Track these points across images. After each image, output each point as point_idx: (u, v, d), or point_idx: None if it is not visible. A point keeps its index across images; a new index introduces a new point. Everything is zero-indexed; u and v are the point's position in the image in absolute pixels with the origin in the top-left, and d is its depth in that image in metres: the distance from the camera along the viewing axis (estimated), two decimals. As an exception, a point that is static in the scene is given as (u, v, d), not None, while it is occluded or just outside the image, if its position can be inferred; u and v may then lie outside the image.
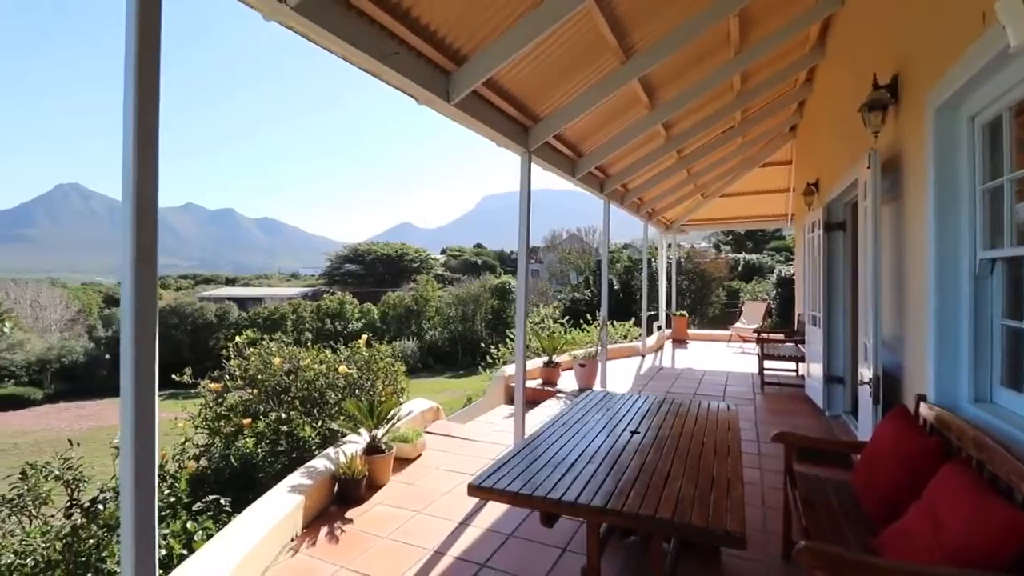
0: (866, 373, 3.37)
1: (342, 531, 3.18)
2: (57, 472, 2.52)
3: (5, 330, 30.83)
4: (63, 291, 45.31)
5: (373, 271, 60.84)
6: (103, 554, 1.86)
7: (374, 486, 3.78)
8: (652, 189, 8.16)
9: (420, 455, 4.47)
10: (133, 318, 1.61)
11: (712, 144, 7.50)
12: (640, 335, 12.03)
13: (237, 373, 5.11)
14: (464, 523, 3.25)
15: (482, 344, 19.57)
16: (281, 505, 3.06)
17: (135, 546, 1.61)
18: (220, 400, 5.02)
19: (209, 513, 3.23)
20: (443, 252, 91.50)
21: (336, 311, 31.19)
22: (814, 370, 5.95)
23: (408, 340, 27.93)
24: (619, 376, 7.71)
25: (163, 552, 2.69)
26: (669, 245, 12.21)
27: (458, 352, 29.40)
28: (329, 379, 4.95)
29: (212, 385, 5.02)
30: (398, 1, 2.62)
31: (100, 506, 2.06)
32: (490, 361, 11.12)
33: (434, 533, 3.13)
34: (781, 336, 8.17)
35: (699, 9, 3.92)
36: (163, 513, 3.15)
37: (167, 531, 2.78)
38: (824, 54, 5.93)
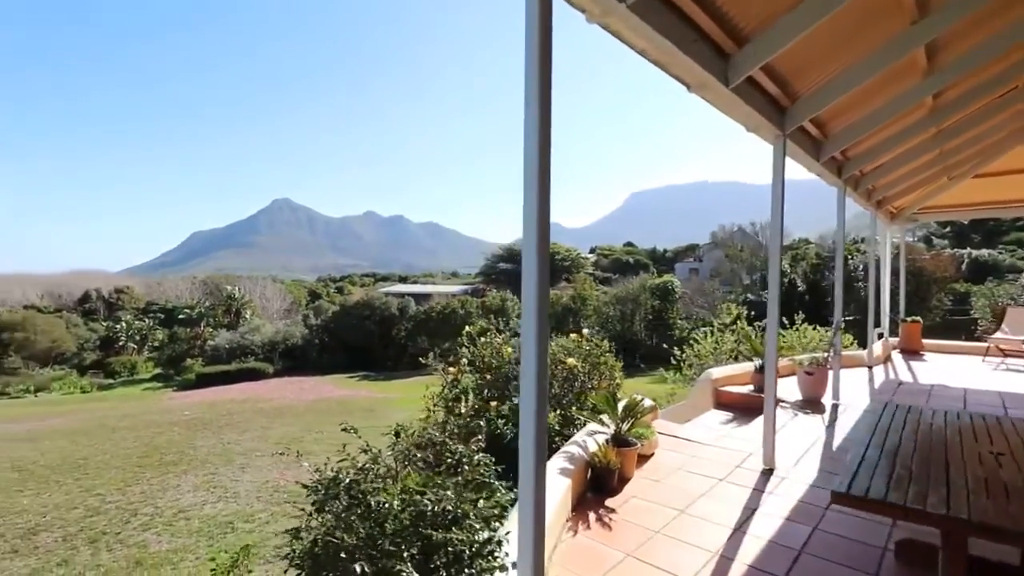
0: None
1: (611, 519, 3.23)
2: (433, 435, 2.98)
3: (247, 316, 38.50)
4: (281, 286, 55.26)
5: (526, 270, 63.07)
6: (465, 507, 2.12)
7: (623, 479, 3.80)
8: (894, 171, 7.01)
9: (653, 453, 4.39)
10: (536, 301, 1.78)
11: (983, 114, 6.17)
12: (852, 343, 10.54)
13: (471, 359, 5.59)
14: (739, 530, 3.08)
15: (656, 344, 18.90)
16: (556, 486, 3.21)
17: (534, 498, 1.78)
18: (455, 383, 5.55)
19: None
20: (592, 251, 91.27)
21: (499, 307, 32.92)
22: None
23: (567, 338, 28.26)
24: (849, 388, 6.77)
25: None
26: (895, 241, 10.45)
27: (617, 352, 28.94)
28: (554, 370, 5.15)
29: (451, 369, 5.56)
30: (701, -16, 2.55)
31: (465, 466, 2.37)
32: (673, 363, 10.66)
33: (709, 536, 3.01)
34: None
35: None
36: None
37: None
38: None
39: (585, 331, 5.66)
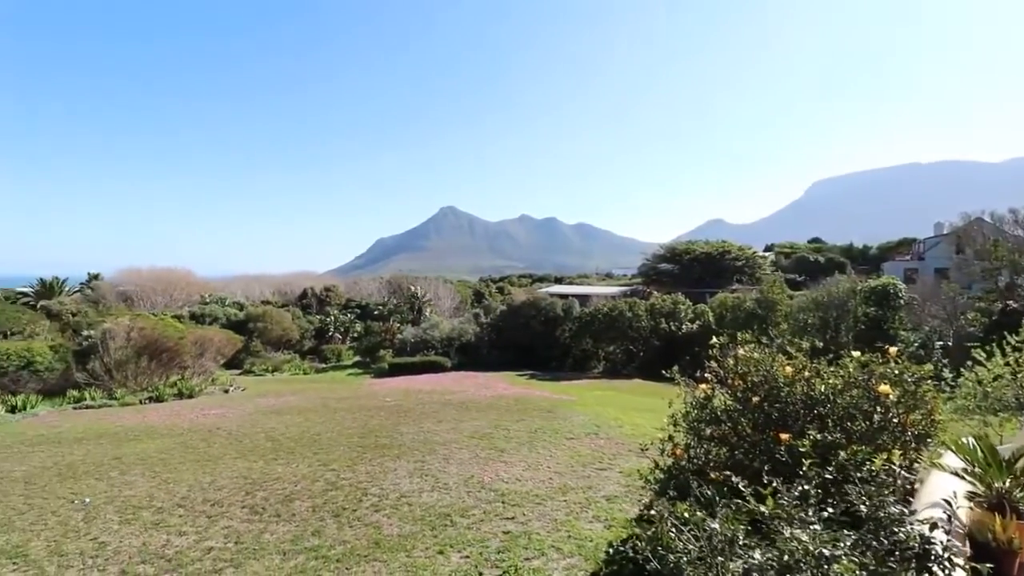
0: None
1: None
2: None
3: (427, 314, 42.17)
4: (450, 286, 59.76)
5: (690, 270, 59.02)
6: None
7: (1021, 565, 2.70)
8: None
9: None
10: None
11: None
12: None
13: (725, 376, 4.81)
14: None
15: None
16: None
17: None
18: (706, 401, 4.81)
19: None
20: (769, 249, 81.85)
21: (669, 310, 30.94)
22: None
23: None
24: None
25: None
26: None
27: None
28: (853, 397, 4.11)
29: (702, 387, 4.85)
30: None
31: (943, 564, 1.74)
32: (946, 390, 8.40)
33: None
34: None
35: None
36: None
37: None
38: None
39: (908, 349, 4.46)
